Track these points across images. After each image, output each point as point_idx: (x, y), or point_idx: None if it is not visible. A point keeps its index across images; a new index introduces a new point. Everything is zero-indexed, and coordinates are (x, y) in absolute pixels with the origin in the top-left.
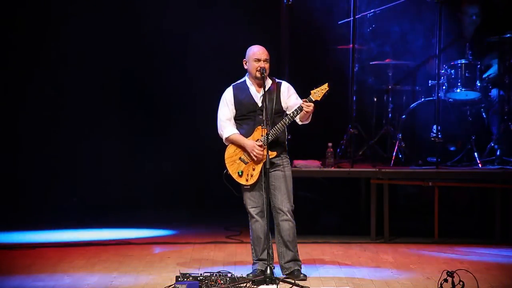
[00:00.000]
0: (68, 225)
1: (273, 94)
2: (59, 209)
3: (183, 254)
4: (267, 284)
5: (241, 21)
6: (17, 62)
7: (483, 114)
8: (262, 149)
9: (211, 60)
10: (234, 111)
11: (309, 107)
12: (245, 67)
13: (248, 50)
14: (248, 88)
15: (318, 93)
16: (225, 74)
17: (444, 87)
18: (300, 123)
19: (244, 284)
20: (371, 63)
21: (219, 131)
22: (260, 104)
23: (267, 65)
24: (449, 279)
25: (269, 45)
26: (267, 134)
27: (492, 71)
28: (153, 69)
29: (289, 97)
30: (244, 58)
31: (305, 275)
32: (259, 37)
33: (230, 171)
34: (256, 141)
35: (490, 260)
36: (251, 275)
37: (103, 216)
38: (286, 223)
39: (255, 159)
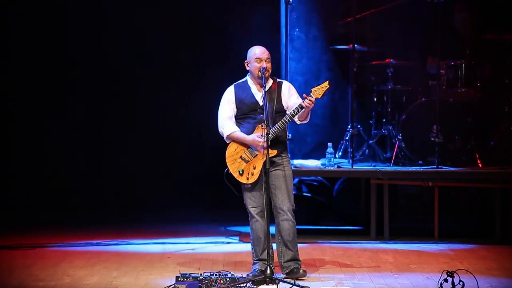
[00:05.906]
0: (68, 225)
1: (274, 94)
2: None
3: (183, 254)
4: (267, 284)
5: (241, 20)
6: None
7: (483, 114)
8: (263, 139)
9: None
10: (235, 109)
11: (311, 102)
12: (247, 68)
13: (249, 51)
14: (249, 87)
15: (319, 90)
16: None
17: (444, 87)
18: (298, 122)
19: (244, 284)
20: (371, 63)
21: (220, 129)
22: (261, 103)
23: (268, 65)
24: (449, 279)
25: (269, 45)
26: (267, 134)
27: None
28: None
29: (290, 97)
30: (246, 59)
31: (304, 271)
32: (259, 37)
33: (230, 170)
34: None
35: (490, 260)
36: (251, 275)
37: (104, 215)
38: (287, 223)
39: (262, 150)
